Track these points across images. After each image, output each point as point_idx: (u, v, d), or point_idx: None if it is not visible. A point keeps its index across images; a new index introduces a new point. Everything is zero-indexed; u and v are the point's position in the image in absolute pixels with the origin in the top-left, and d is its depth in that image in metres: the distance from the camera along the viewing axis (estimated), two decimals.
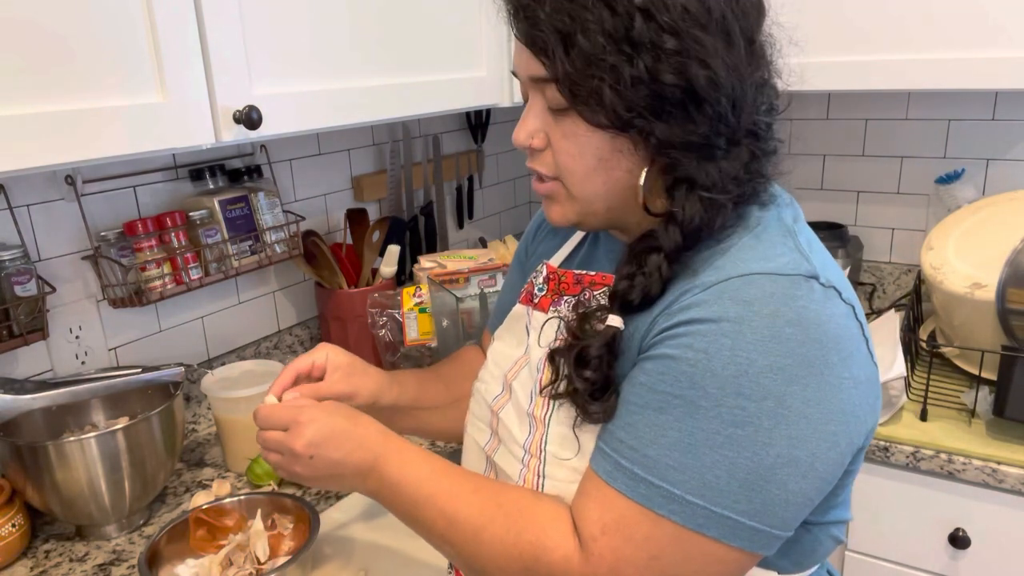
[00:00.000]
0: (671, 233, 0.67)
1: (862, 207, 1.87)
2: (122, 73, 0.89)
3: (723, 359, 0.60)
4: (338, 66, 1.16)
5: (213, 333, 1.49)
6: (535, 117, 0.70)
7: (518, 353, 0.82)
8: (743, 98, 0.65)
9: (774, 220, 0.69)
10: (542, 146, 0.71)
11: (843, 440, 0.63)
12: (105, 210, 1.27)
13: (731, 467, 0.60)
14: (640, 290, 0.67)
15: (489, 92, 1.47)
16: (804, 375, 0.60)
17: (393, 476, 0.74)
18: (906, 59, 1.39)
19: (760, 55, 0.68)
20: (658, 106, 0.63)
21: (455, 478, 0.74)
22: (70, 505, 1.06)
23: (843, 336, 0.63)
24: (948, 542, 1.30)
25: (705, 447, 0.61)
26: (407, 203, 1.85)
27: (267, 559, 0.98)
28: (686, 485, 0.61)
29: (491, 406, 0.82)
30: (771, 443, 0.60)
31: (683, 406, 0.62)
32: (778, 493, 0.61)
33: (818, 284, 0.63)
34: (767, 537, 0.63)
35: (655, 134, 0.64)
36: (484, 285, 1.57)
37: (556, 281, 0.81)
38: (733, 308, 0.62)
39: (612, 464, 0.65)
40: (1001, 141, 1.69)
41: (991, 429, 1.30)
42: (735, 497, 0.61)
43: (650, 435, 0.63)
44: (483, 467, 0.82)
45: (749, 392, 0.60)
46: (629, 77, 0.62)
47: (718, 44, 0.63)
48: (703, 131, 0.64)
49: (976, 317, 1.34)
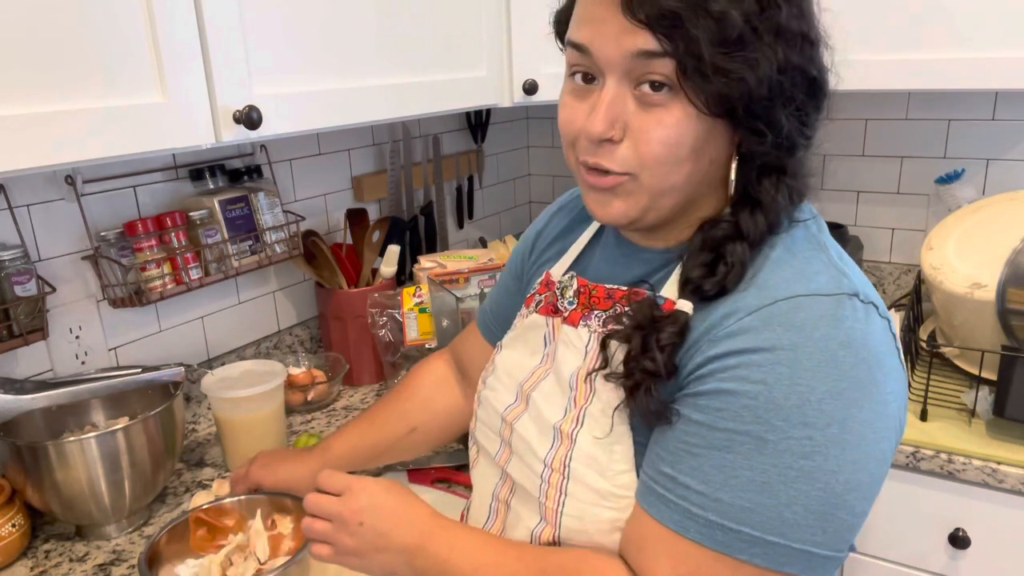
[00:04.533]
0: (757, 221, 0.65)
1: (862, 207, 1.87)
2: (122, 73, 0.89)
3: (784, 389, 0.59)
4: (338, 66, 1.16)
5: (213, 333, 1.49)
6: (615, 104, 0.64)
7: (533, 363, 0.80)
8: (829, 90, 0.67)
9: (801, 229, 0.69)
10: (620, 137, 0.64)
11: (889, 453, 0.64)
12: (105, 210, 1.27)
13: (807, 500, 0.59)
14: (719, 280, 0.64)
15: (489, 92, 1.47)
16: (860, 397, 0.60)
17: (442, 554, 0.72)
18: (906, 59, 1.39)
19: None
20: (788, 94, 0.62)
21: (500, 548, 0.73)
22: (70, 505, 1.06)
23: (885, 352, 0.63)
24: (948, 542, 1.30)
25: (780, 483, 0.59)
26: (407, 203, 1.85)
27: (267, 559, 0.98)
28: (765, 526, 0.59)
29: (503, 415, 0.80)
30: (839, 470, 0.59)
31: (750, 443, 0.60)
32: (847, 519, 0.61)
33: (859, 302, 0.63)
34: (836, 563, 0.62)
35: (779, 123, 0.62)
36: (484, 285, 1.57)
37: (587, 295, 0.77)
38: (786, 335, 0.60)
39: (681, 513, 0.62)
40: (1001, 141, 1.68)
41: (991, 429, 1.30)
42: (812, 530, 0.60)
43: (720, 478, 0.61)
44: (496, 477, 0.81)
45: (814, 420, 0.59)
46: (772, 63, 0.60)
47: (823, 35, 0.65)
48: (810, 121, 0.65)
49: (976, 317, 1.34)
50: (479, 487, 0.85)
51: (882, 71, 1.41)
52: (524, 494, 0.76)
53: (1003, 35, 1.32)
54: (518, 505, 0.77)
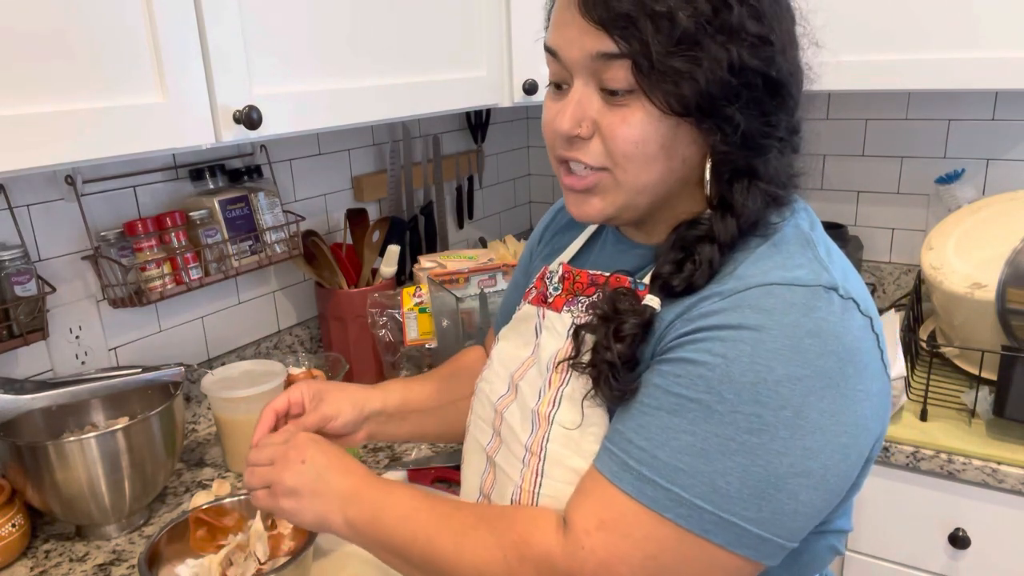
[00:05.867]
0: (728, 224, 0.66)
1: (862, 207, 1.87)
2: (122, 73, 0.89)
3: (741, 366, 0.60)
4: (338, 66, 1.16)
5: (213, 333, 1.49)
6: (583, 102, 0.66)
7: (525, 354, 0.82)
8: (800, 92, 0.67)
9: (791, 227, 0.69)
10: (589, 135, 0.67)
11: (854, 452, 0.63)
12: (105, 210, 1.27)
13: (743, 474, 0.60)
14: (686, 277, 0.66)
15: (489, 92, 1.47)
16: (822, 387, 0.60)
17: (377, 501, 0.74)
18: (906, 59, 1.39)
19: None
20: (743, 94, 0.63)
21: (436, 500, 0.74)
22: (70, 505, 1.06)
23: (860, 349, 0.63)
24: (948, 542, 1.30)
25: (718, 452, 0.60)
26: (407, 203, 1.85)
27: (267, 559, 0.98)
28: (695, 489, 0.61)
29: (495, 405, 0.81)
30: (786, 453, 0.60)
31: (698, 410, 0.61)
32: (788, 503, 0.61)
33: (837, 296, 0.63)
34: (773, 547, 0.62)
35: (734, 122, 0.63)
36: (484, 285, 1.57)
37: (571, 281, 0.80)
38: (754, 317, 0.61)
39: (619, 464, 0.64)
40: (1001, 141, 1.68)
41: (991, 429, 1.30)
42: (744, 504, 0.60)
43: (662, 437, 0.62)
44: (483, 468, 0.82)
45: (767, 400, 0.59)
46: (722, 63, 0.61)
47: (793, 36, 0.65)
48: (775, 122, 0.65)
49: (976, 317, 1.34)
50: (466, 481, 0.86)
51: (882, 71, 1.41)
52: (505, 481, 0.77)
53: (1003, 35, 1.32)
54: (497, 499, 0.78)
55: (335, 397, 0.91)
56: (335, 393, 0.92)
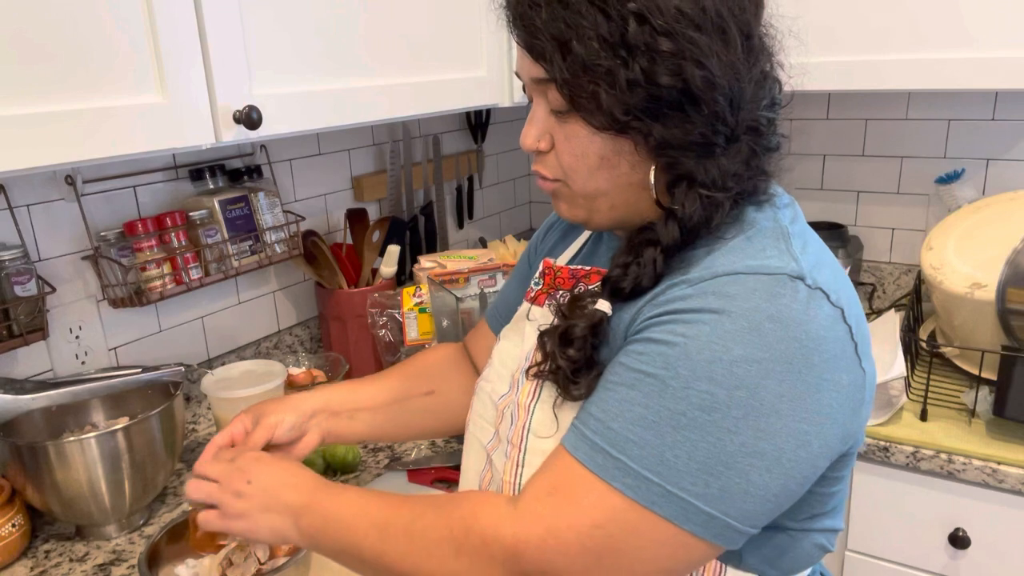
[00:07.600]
0: (670, 229, 0.68)
1: (862, 207, 1.87)
2: (122, 73, 0.89)
3: (699, 345, 0.61)
4: (338, 66, 1.16)
5: (213, 333, 1.49)
6: (540, 120, 0.71)
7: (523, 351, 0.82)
8: (741, 95, 0.65)
9: (769, 221, 0.69)
10: (548, 148, 0.72)
11: (816, 441, 0.63)
12: (105, 210, 1.27)
13: (692, 449, 0.61)
14: (632, 279, 0.69)
15: (489, 92, 1.47)
16: (781, 371, 0.61)
17: (330, 510, 0.74)
18: (906, 59, 1.39)
19: (760, 49, 0.68)
20: (655, 107, 0.64)
21: (387, 495, 0.74)
22: (70, 505, 1.06)
23: (827, 338, 0.63)
24: (948, 542, 1.30)
25: (668, 426, 0.61)
26: (407, 203, 1.85)
27: (267, 559, 0.98)
28: (644, 460, 0.62)
29: (497, 404, 0.82)
30: (737, 432, 0.60)
31: (654, 384, 0.63)
32: (738, 482, 0.61)
33: (803, 285, 0.63)
34: (722, 526, 0.62)
35: (653, 135, 0.65)
36: (484, 285, 1.57)
37: (552, 276, 0.82)
38: (716, 301, 0.63)
39: (577, 435, 0.66)
40: (1001, 141, 1.68)
41: (991, 429, 1.30)
42: (692, 479, 0.61)
43: (617, 409, 0.64)
44: (482, 466, 0.82)
45: (721, 379, 0.60)
46: (625, 80, 0.63)
47: (714, 43, 0.63)
48: (701, 130, 0.65)
49: (976, 317, 1.34)
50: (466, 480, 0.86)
51: (882, 71, 1.41)
52: (498, 477, 0.77)
53: (1003, 35, 1.32)
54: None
55: (274, 407, 0.92)
56: (274, 404, 0.93)
